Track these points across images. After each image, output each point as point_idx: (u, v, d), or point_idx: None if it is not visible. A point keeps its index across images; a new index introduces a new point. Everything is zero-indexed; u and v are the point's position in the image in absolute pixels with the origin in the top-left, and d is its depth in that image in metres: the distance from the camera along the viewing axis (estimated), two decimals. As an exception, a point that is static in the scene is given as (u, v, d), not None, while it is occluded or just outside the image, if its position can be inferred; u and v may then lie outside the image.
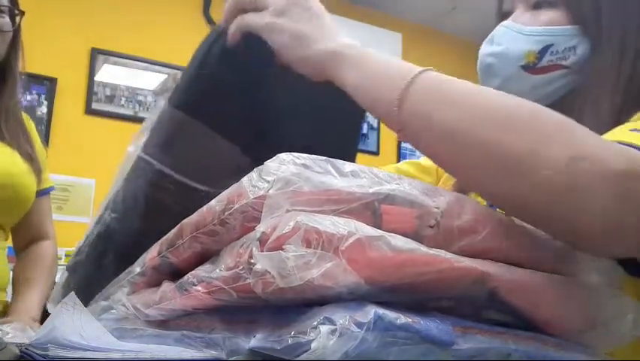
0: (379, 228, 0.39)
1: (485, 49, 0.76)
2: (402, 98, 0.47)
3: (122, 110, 2.96)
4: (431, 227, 0.41)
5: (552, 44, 0.70)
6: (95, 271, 0.63)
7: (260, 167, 0.40)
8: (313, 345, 0.33)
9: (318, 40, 0.53)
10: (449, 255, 0.40)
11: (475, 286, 0.41)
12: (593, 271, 0.49)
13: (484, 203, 0.53)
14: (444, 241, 0.42)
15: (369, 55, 0.52)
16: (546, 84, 0.71)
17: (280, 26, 0.54)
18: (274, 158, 0.40)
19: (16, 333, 0.80)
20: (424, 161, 0.91)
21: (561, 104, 0.71)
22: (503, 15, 0.77)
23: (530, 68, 0.71)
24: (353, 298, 0.37)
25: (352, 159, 0.63)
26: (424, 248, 0.39)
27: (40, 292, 1.29)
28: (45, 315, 1.24)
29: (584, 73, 0.70)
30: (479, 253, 0.43)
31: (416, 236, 0.40)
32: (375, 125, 3.76)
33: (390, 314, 0.36)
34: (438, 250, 0.40)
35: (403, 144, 3.93)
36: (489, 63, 0.75)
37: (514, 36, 0.72)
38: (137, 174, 0.61)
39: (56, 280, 1.35)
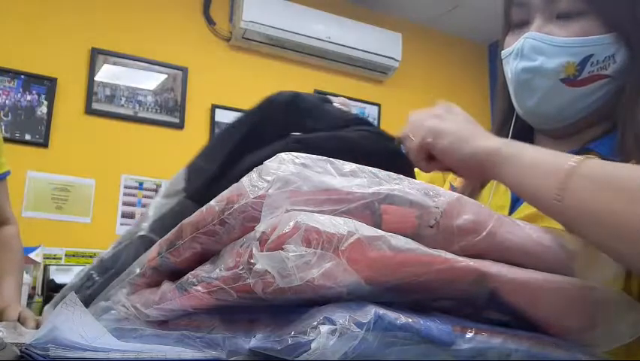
0: (379, 228, 0.39)
1: (517, 64, 0.71)
2: (562, 189, 0.49)
3: (122, 110, 2.96)
4: (431, 227, 0.41)
5: (592, 54, 0.67)
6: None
7: (259, 167, 0.40)
8: (313, 345, 0.33)
9: (473, 139, 0.57)
10: (449, 255, 0.40)
11: (475, 286, 0.41)
12: (593, 271, 0.49)
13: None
14: (444, 240, 0.42)
15: (525, 149, 0.55)
16: (588, 95, 0.69)
17: (442, 130, 0.59)
18: (274, 158, 0.40)
19: (9, 331, 0.80)
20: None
21: (599, 112, 0.70)
22: (514, 25, 0.74)
23: (571, 80, 0.68)
24: (353, 298, 0.36)
25: None
26: (423, 248, 0.39)
27: (16, 278, 1.35)
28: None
29: (623, 80, 0.68)
30: (479, 253, 0.43)
31: (416, 236, 0.40)
32: (374, 125, 3.75)
33: (390, 314, 0.36)
34: (438, 250, 0.40)
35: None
36: (526, 79, 0.71)
37: (549, 48, 0.68)
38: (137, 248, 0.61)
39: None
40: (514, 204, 0.73)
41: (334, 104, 0.60)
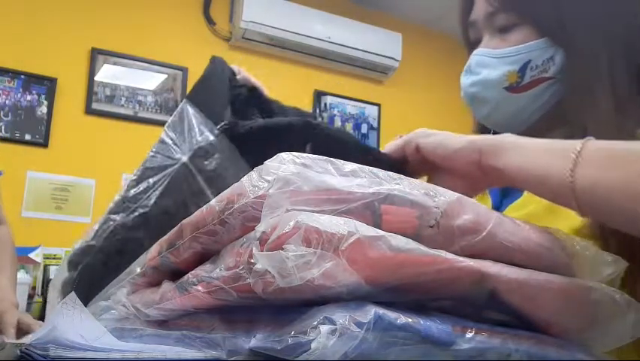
0: (379, 228, 0.39)
1: (465, 80, 0.76)
2: (574, 168, 0.48)
3: (122, 110, 2.96)
4: (431, 227, 0.41)
5: (530, 60, 0.71)
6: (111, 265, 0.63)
7: (260, 166, 0.40)
8: (313, 345, 0.33)
9: (464, 137, 0.57)
10: (449, 255, 0.40)
11: (475, 286, 0.41)
12: (593, 271, 0.49)
13: None
14: (444, 240, 0.42)
15: (525, 139, 0.54)
16: (534, 99, 0.72)
17: (433, 132, 0.59)
18: (274, 157, 0.40)
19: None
20: None
21: (554, 114, 0.72)
22: (472, 45, 0.78)
23: (515, 87, 0.72)
24: (353, 298, 0.37)
25: None
26: (423, 248, 0.39)
27: (11, 277, 1.36)
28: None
29: (567, 80, 0.71)
30: (479, 253, 0.43)
31: (416, 236, 0.40)
32: (375, 125, 3.76)
33: (390, 314, 0.36)
34: (438, 250, 0.40)
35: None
36: (473, 93, 0.75)
37: (491, 61, 0.73)
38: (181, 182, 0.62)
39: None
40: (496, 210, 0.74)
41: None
